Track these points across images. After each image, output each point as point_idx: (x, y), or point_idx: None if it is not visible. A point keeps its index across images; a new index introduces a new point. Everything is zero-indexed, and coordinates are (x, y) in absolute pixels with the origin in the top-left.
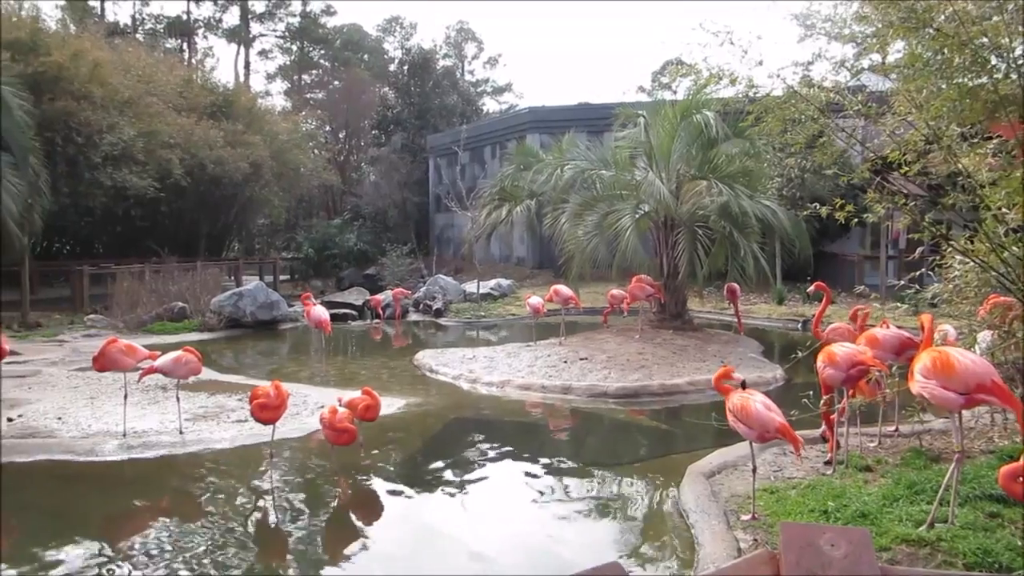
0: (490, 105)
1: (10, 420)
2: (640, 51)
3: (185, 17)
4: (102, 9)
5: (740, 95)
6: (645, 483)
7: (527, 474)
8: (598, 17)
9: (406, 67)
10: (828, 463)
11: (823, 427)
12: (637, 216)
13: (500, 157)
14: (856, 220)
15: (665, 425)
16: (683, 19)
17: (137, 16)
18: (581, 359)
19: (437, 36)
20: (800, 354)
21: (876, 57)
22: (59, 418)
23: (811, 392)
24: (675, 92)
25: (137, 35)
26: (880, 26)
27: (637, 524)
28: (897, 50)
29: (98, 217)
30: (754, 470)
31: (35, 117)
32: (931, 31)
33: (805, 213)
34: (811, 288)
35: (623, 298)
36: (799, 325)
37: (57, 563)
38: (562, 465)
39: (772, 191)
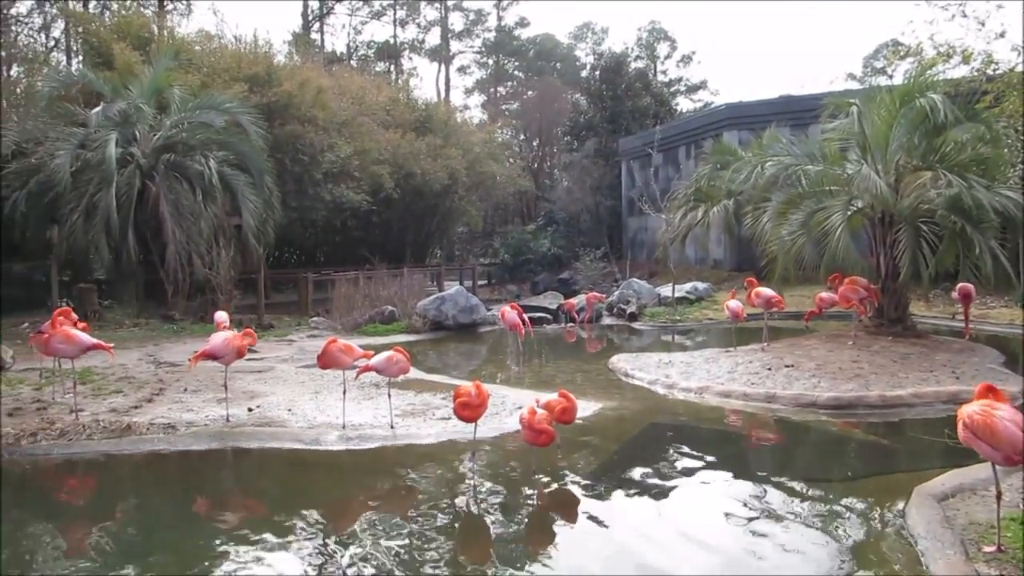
0: (684, 104)
1: (250, 410)
2: (848, 36)
3: (392, 41)
4: (322, 40)
5: (974, 73)
6: (862, 503)
7: (728, 486)
8: (799, 4)
9: (598, 72)
10: None
11: None
12: (849, 213)
13: (695, 157)
14: None
15: (885, 440)
16: None
17: (351, 44)
18: (786, 366)
19: (629, 38)
20: None
21: None
22: (289, 410)
23: None
24: (891, 77)
25: (351, 61)
26: None
27: (853, 548)
28: None
29: (319, 229)
30: (998, 496)
31: (268, 141)
32: None
33: None
34: None
35: (832, 301)
36: None
37: (286, 539)
38: (766, 478)
39: (1015, 180)
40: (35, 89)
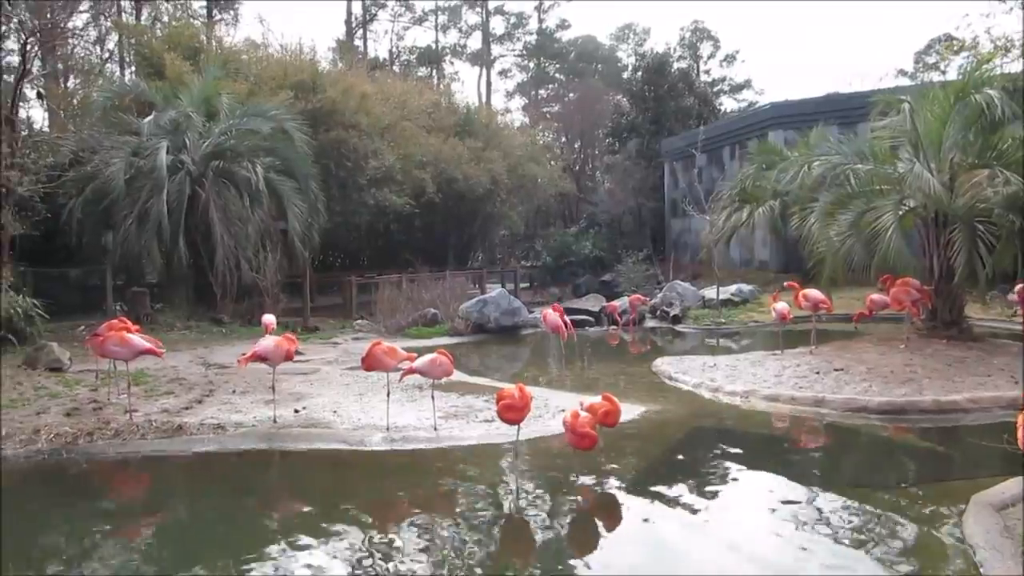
0: (728, 104)
1: (296, 411)
2: (898, 32)
3: (434, 46)
4: (365, 46)
5: None
6: (916, 511)
7: (775, 493)
8: (846, 1)
9: (640, 73)
10: None
11: None
12: (901, 213)
13: (740, 157)
14: None
15: (940, 447)
16: None
17: (394, 50)
18: (836, 370)
19: (671, 39)
20: None
21: None
22: (334, 411)
23: None
24: (944, 72)
25: (394, 67)
26: None
27: (907, 558)
28: None
29: (363, 233)
30: None
31: (313, 147)
32: None
33: None
34: None
35: (884, 303)
36: None
37: (330, 538)
38: (814, 485)
39: None
40: (91, 100)
